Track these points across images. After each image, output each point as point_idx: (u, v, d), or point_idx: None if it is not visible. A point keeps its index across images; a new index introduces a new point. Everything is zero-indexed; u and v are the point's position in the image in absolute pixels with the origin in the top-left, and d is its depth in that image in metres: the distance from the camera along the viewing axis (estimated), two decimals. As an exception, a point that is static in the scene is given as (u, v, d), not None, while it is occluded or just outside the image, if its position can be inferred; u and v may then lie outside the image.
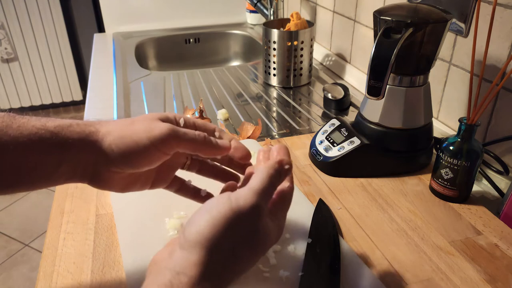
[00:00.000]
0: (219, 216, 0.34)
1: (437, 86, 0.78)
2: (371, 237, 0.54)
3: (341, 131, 0.69)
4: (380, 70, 0.57)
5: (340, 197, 0.62)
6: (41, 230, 1.95)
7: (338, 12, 1.12)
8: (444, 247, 0.52)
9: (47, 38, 2.71)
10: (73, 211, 0.58)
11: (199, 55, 1.55)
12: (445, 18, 0.58)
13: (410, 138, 0.66)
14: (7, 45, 2.63)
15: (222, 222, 0.34)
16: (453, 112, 0.76)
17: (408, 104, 0.64)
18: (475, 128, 0.57)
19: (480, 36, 0.56)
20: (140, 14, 1.55)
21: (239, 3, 1.62)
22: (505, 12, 0.62)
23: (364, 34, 1.02)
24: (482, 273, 0.49)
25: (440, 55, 0.75)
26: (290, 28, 1.03)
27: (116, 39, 1.46)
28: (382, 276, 0.48)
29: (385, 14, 0.59)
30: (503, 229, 0.55)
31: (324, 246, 0.50)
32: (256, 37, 1.47)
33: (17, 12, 2.59)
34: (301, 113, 0.92)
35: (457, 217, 0.58)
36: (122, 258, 0.49)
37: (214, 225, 0.34)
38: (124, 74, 1.14)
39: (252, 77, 1.14)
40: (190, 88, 1.06)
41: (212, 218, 0.34)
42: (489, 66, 0.65)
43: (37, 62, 2.76)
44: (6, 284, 1.69)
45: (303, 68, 1.04)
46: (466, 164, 0.58)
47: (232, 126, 0.86)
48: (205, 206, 0.36)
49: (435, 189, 0.62)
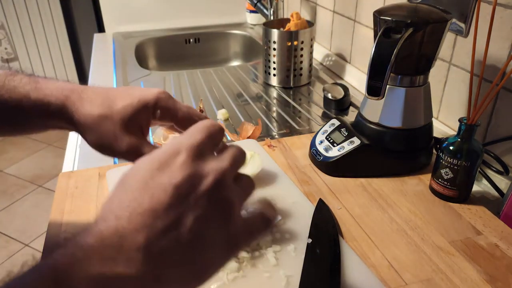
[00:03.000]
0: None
1: (437, 86, 0.78)
2: (371, 237, 0.54)
3: (341, 131, 0.69)
4: (380, 70, 0.57)
5: (340, 197, 0.62)
6: (41, 230, 1.95)
7: (338, 12, 1.12)
8: (444, 247, 0.52)
9: (47, 38, 2.71)
10: (73, 211, 0.58)
11: (199, 55, 1.55)
12: (445, 18, 0.58)
13: (410, 138, 0.66)
14: (7, 45, 2.63)
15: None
16: (453, 112, 0.76)
17: (408, 104, 0.64)
18: (475, 128, 0.57)
19: (480, 36, 0.56)
20: (140, 14, 1.55)
21: (239, 3, 1.62)
22: (505, 12, 0.61)
23: (364, 34, 1.02)
24: (482, 273, 0.49)
25: (440, 55, 0.75)
26: (290, 28, 1.03)
27: (116, 39, 1.46)
28: (382, 276, 0.48)
29: (385, 14, 0.59)
30: (503, 229, 0.55)
31: (324, 246, 0.50)
32: (256, 37, 1.47)
33: (17, 12, 2.59)
34: (301, 113, 0.92)
35: (457, 217, 0.58)
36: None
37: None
38: (124, 74, 1.14)
39: (252, 77, 1.14)
40: (190, 88, 1.06)
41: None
42: (489, 66, 0.65)
43: (37, 62, 2.76)
44: (6, 284, 1.69)
45: (303, 68, 1.04)
46: (466, 164, 0.58)
47: (232, 126, 0.86)
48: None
49: (435, 189, 0.62)
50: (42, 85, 0.44)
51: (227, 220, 0.30)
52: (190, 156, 0.30)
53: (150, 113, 0.45)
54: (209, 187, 0.29)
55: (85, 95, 0.44)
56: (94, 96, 0.44)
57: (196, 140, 0.31)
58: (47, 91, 0.44)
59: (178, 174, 0.29)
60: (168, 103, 0.45)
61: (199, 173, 0.29)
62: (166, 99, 0.45)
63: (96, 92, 0.45)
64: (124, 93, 0.45)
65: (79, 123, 0.44)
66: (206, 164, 0.30)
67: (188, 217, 0.28)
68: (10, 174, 2.34)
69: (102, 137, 0.43)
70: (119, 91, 0.45)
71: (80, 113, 0.43)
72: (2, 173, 2.35)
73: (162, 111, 0.44)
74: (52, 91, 0.44)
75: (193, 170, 0.29)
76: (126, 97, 0.44)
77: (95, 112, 0.43)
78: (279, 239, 0.52)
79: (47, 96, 0.43)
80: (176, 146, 0.30)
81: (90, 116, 0.43)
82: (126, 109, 0.43)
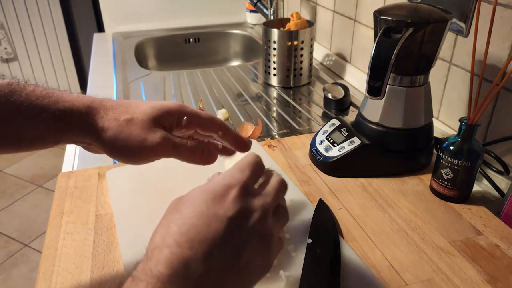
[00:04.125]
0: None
1: (438, 86, 0.77)
2: (371, 237, 0.54)
3: (341, 131, 0.69)
4: (380, 70, 0.57)
5: (340, 197, 0.62)
6: (41, 230, 1.95)
7: (338, 11, 1.12)
8: (444, 247, 0.52)
9: (47, 38, 2.71)
10: (73, 211, 0.58)
11: (199, 55, 1.55)
12: (445, 18, 0.58)
13: (410, 138, 0.66)
14: (7, 45, 2.63)
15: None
16: (453, 112, 0.76)
17: (409, 104, 0.64)
18: (475, 128, 0.57)
19: (480, 36, 0.56)
20: (140, 14, 1.54)
21: (239, 3, 1.62)
22: (505, 12, 0.61)
23: (364, 34, 1.02)
24: (482, 273, 0.49)
25: (441, 55, 0.75)
26: (290, 28, 1.03)
27: (115, 39, 1.46)
28: (382, 276, 0.48)
29: (385, 14, 0.59)
30: (504, 229, 0.55)
31: (324, 246, 0.50)
32: (256, 37, 1.47)
33: (17, 12, 2.59)
34: (301, 113, 0.92)
35: (458, 217, 0.58)
36: (122, 258, 0.49)
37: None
38: (124, 74, 1.14)
39: (252, 77, 1.14)
40: (190, 88, 1.06)
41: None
42: (490, 66, 0.65)
43: (37, 62, 2.76)
44: (6, 284, 1.69)
45: (303, 68, 1.04)
46: (466, 164, 0.57)
47: (232, 126, 0.86)
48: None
49: (436, 189, 0.62)
50: (60, 97, 0.42)
51: (267, 250, 0.36)
52: (242, 192, 0.34)
53: (174, 120, 0.45)
54: (256, 221, 0.34)
55: (107, 103, 0.44)
56: (116, 104, 0.44)
57: (246, 176, 0.36)
58: (67, 103, 0.42)
59: (232, 208, 0.33)
60: (192, 110, 0.46)
61: (249, 208, 0.34)
62: (188, 107, 0.46)
63: (117, 101, 0.45)
64: (145, 102, 0.45)
65: (103, 130, 0.42)
66: (255, 200, 0.35)
67: (241, 247, 0.33)
68: (9, 174, 2.34)
69: (130, 139, 0.42)
70: (140, 101, 0.46)
71: (105, 120, 0.42)
72: (2, 173, 2.34)
73: (188, 117, 0.45)
74: (74, 102, 0.42)
75: (244, 205, 0.34)
76: (148, 104, 0.44)
77: (121, 117, 0.43)
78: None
79: (69, 108, 0.41)
80: (229, 181, 0.35)
81: (115, 121, 0.42)
82: (152, 110, 0.44)
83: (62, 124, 0.41)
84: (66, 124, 0.41)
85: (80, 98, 0.43)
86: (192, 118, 0.45)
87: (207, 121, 0.46)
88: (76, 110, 0.42)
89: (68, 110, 0.41)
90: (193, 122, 0.46)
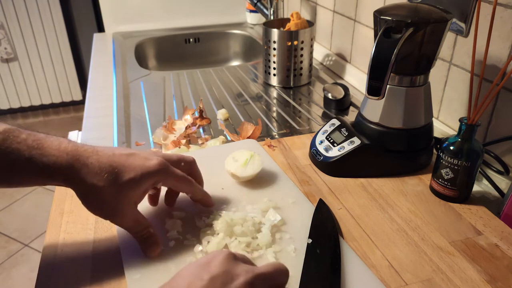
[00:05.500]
0: None
1: (438, 86, 0.77)
2: (371, 237, 0.54)
3: (341, 131, 0.69)
4: (380, 70, 0.57)
5: (340, 197, 0.62)
6: (41, 230, 1.95)
7: (338, 12, 1.12)
8: (444, 247, 0.52)
9: (46, 38, 2.71)
10: (73, 211, 0.58)
11: (199, 55, 1.55)
12: (445, 18, 0.58)
13: (410, 138, 0.66)
14: (7, 45, 2.63)
15: None
16: (453, 112, 0.76)
17: (409, 104, 0.64)
18: (475, 128, 0.57)
19: (480, 36, 0.56)
20: (140, 14, 1.54)
21: (239, 3, 1.62)
22: (505, 12, 0.61)
23: (364, 34, 1.02)
24: (482, 273, 0.49)
25: (441, 55, 0.75)
26: (290, 28, 1.03)
27: (116, 39, 1.46)
28: (382, 276, 0.48)
29: (385, 14, 0.59)
30: (504, 229, 0.55)
31: (324, 247, 0.50)
32: (256, 37, 1.47)
33: (17, 12, 2.59)
34: (301, 113, 0.92)
35: (458, 217, 0.58)
36: (122, 259, 0.49)
37: None
38: (124, 74, 1.14)
39: (252, 77, 1.14)
40: (190, 88, 1.06)
41: None
42: (490, 66, 0.65)
43: (37, 62, 2.76)
44: (6, 284, 1.69)
45: (303, 68, 1.04)
46: (466, 164, 0.57)
47: (232, 126, 0.86)
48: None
49: (436, 189, 0.62)
50: (46, 149, 0.45)
51: None
52: (228, 257, 0.36)
53: (153, 181, 0.49)
54: (239, 286, 0.34)
55: (90, 162, 0.46)
56: (98, 164, 0.46)
57: (233, 251, 0.38)
58: (51, 157, 0.44)
59: (215, 269, 0.35)
60: (171, 173, 0.50)
61: (232, 272, 0.35)
62: (168, 169, 0.50)
63: (101, 161, 0.46)
64: (127, 165, 0.47)
65: (81, 191, 0.46)
66: (240, 266, 0.36)
67: None
68: (10, 174, 2.34)
69: (103, 207, 0.47)
70: (122, 161, 0.47)
71: (85, 183, 0.45)
72: (2, 173, 2.34)
73: (164, 183, 0.51)
74: (58, 157, 0.45)
75: (228, 268, 0.35)
76: (130, 171, 0.47)
77: (99, 183, 0.45)
78: (279, 239, 0.52)
79: (51, 162, 0.44)
80: (219, 251, 0.37)
81: (93, 187, 0.45)
82: (130, 184, 0.47)
83: (45, 176, 0.45)
84: (48, 176, 0.45)
85: (64, 151, 0.45)
86: (167, 183, 0.51)
87: (180, 187, 0.53)
88: (59, 164, 0.45)
89: (51, 164, 0.44)
90: (168, 184, 0.52)
